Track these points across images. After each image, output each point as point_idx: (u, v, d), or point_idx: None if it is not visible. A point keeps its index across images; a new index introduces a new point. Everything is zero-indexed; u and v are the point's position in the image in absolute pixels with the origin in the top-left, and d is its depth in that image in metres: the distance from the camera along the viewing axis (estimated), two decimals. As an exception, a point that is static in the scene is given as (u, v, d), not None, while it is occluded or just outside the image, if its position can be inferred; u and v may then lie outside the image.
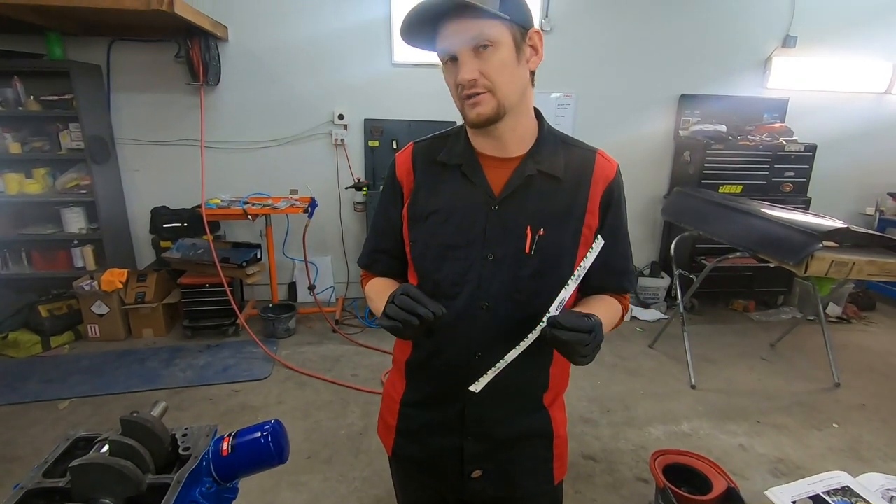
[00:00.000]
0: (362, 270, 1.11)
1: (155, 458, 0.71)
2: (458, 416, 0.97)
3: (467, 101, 0.84)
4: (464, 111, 0.86)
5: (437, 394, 0.99)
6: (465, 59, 0.81)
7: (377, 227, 1.04)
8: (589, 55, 3.88)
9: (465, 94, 0.83)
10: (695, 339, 3.28)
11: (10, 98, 3.15)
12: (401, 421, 1.04)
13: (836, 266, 2.32)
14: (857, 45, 4.08)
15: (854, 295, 4.15)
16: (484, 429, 0.98)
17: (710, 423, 2.61)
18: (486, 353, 0.91)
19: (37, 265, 3.46)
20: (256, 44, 3.57)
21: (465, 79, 0.81)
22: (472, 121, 0.86)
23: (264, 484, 2.08)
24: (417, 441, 1.03)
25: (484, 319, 0.91)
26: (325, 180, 3.86)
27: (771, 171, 3.89)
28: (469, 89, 0.82)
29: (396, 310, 0.79)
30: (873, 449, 2.44)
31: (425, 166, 0.96)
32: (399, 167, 0.98)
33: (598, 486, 2.15)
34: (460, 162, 0.92)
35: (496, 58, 0.81)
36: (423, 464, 1.04)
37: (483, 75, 0.81)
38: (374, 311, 0.99)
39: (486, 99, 0.83)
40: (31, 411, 2.59)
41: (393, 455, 1.08)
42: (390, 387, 1.09)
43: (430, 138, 1.00)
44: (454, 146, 0.95)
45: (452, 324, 0.92)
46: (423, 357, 0.99)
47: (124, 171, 3.67)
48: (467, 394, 0.91)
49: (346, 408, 2.67)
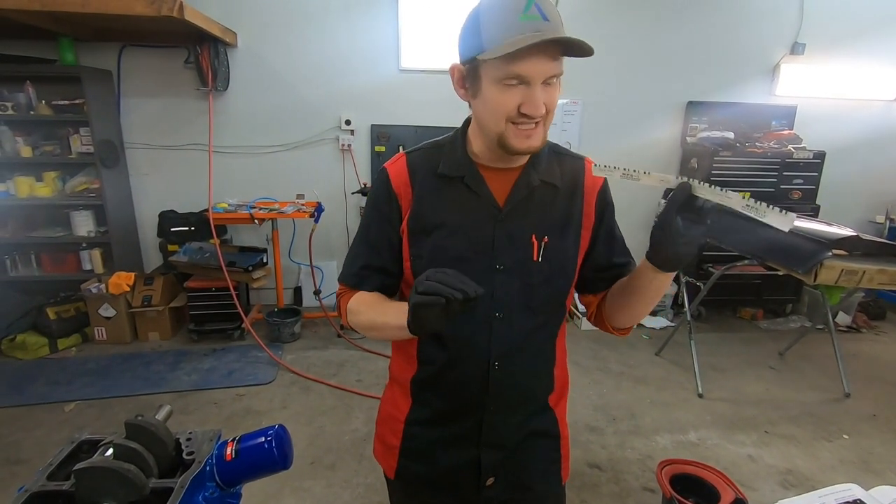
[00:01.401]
0: (341, 287, 1.01)
1: (159, 462, 0.70)
2: (475, 428, 0.96)
3: (520, 128, 0.80)
4: (508, 136, 0.81)
5: (451, 409, 0.97)
6: (539, 90, 0.77)
7: (369, 242, 0.97)
8: (596, 62, 3.82)
9: (521, 122, 0.79)
10: (702, 347, 3.26)
11: (21, 102, 3.19)
12: (406, 440, 1.01)
13: (846, 275, 2.30)
14: (865, 53, 4.06)
15: (864, 304, 4.10)
16: (499, 437, 0.97)
17: (717, 432, 2.58)
18: (504, 362, 0.92)
19: (45, 268, 3.49)
20: (265, 49, 3.60)
21: (540, 113, 0.78)
22: (518, 150, 0.82)
23: (268, 489, 2.08)
24: (426, 459, 1.00)
25: (499, 329, 0.91)
26: (331, 185, 3.88)
27: (779, 178, 3.86)
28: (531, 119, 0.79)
29: (436, 285, 0.71)
30: (885, 461, 2.40)
31: (424, 179, 0.92)
32: (394, 179, 0.93)
33: (604, 496, 2.13)
34: (462, 174, 0.90)
35: (556, 93, 0.80)
36: (433, 481, 1.01)
37: (546, 108, 0.79)
38: (364, 323, 0.93)
39: (539, 132, 0.81)
40: (36, 413, 2.60)
41: (397, 477, 1.03)
42: (390, 406, 1.05)
43: (423, 149, 0.96)
44: (452, 157, 0.92)
45: (468, 336, 0.91)
46: (433, 373, 0.96)
47: (133, 175, 3.70)
48: (485, 405, 0.92)
49: (350, 413, 2.67)
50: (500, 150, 0.84)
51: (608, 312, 0.98)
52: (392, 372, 1.06)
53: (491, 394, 0.93)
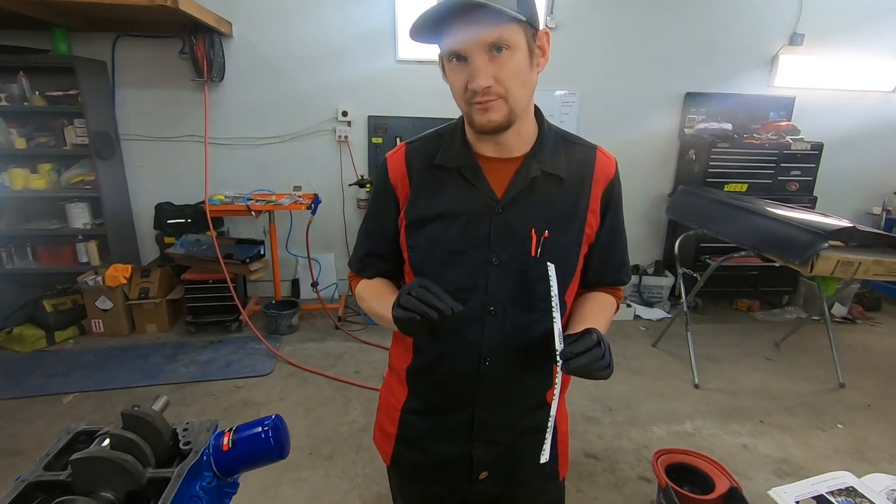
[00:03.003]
0: (350, 274, 1.06)
1: (156, 452, 0.71)
2: (466, 423, 0.95)
3: (476, 105, 0.78)
4: (471, 115, 0.81)
5: (443, 401, 0.97)
6: (479, 62, 0.75)
7: (369, 230, 1.00)
8: (594, 52, 3.86)
9: (475, 100, 0.78)
10: (698, 338, 3.27)
11: (15, 93, 3.16)
12: (402, 429, 1.02)
13: (842, 265, 2.31)
14: (864, 44, 4.04)
15: (860, 295, 4.12)
16: (493, 433, 0.96)
17: (713, 422, 2.60)
18: (496, 358, 0.90)
19: (42, 260, 3.48)
20: (260, 40, 3.57)
21: (481, 86, 0.76)
22: (481, 127, 0.81)
23: (266, 479, 2.09)
24: (421, 449, 1.00)
25: (492, 325, 0.89)
26: (328, 177, 3.86)
27: (777, 169, 3.86)
28: (482, 96, 0.77)
29: (415, 301, 0.75)
30: (878, 450, 2.43)
31: (421, 170, 0.91)
32: (392, 170, 0.93)
33: (600, 485, 2.15)
34: (460, 165, 0.88)
35: (512, 63, 0.76)
36: (427, 471, 1.01)
37: (497, 81, 0.76)
38: (368, 311, 0.99)
39: (499, 106, 0.78)
40: (34, 405, 2.60)
41: (393, 463, 1.04)
42: (388, 394, 1.06)
43: (423, 138, 0.94)
44: (451, 147, 0.90)
45: (459, 330, 0.90)
46: (425, 364, 0.96)
47: (129, 166, 3.68)
48: (476, 400, 0.92)
49: (347, 405, 2.68)
50: (478, 133, 0.85)
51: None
52: (391, 360, 1.06)
53: (482, 389, 0.92)
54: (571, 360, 0.76)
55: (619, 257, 1.00)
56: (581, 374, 0.76)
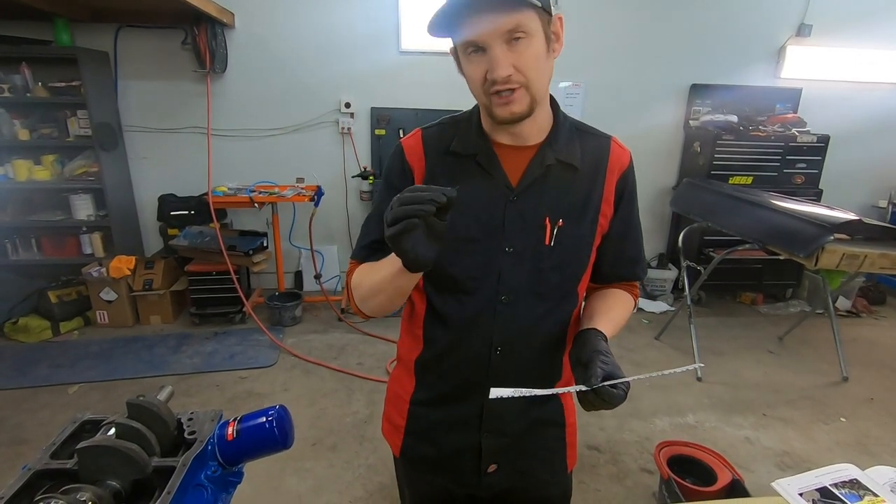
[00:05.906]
0: (350, 265, 0.98)
1: (161, 442, 0.71)
2: (476, 414, 0.95)
3: (497, 97, 0.77)
4: (492, 107, 0.80)
5: (452, 391, 0.96)
6: (498, 51, 0.74)
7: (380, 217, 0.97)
8: (598, 43, 3.82)
9: (495, 90, 0.77)
10: (701, 331, 3.27)
11: (18, 84, 3.15)
12: (411, 420, 1.01)
13: (848, 259, 2.30)
14: (873, 35, 3.99)
15: (864, 289, 4.11)
16: (501, 423, 0.96)
17: (715, 415, 2.61)
18: (507, 347, 0.90)
19: (46, 251, 3.49)
20: (263, 31, 3.55)
21: (501, 75, 0.74)
22: (503, 118, 0.80)
23: (270, 469, 2.10)
24: (430, 440, 1.00)
25: (504, 314, 0.88)
26: (331, 169, 3.86)
27: (782, 162, 3.83)
28: (502, 85, 0.76)
29: (403, 209, 0.66)
30: (882, 443, 2.43)
31: (437, 156, 0.90)
32: (409, 153, 0.92)
33: (603, 477, 2.16)
34: (475, 152, 0.88)
35: (531, 51, 0.75)
36: (436, 463, 1.01)
37: (517, 70, 0.75)
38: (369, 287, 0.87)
39: (521, 96, 0.77)
40: (40, 395, 2.62)
41: (402, 455, 1.04)
42: (397, 385, 1.05)
43: (438, 125, 0.94)
44: (466, 134, 0.90)
45: (471, 318, 0.89)
46: (436, 354, 0.96)
47: (132, 158, 3.68)
48: (486, 390, 0.91)
49: (351, 396, 2.69)
50: (499, 124, 0.84)
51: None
52: (399, 352, 1.06)
53: (492, 379, 0.91)
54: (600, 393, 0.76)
55: (634, 252, 0.99)
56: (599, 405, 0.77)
